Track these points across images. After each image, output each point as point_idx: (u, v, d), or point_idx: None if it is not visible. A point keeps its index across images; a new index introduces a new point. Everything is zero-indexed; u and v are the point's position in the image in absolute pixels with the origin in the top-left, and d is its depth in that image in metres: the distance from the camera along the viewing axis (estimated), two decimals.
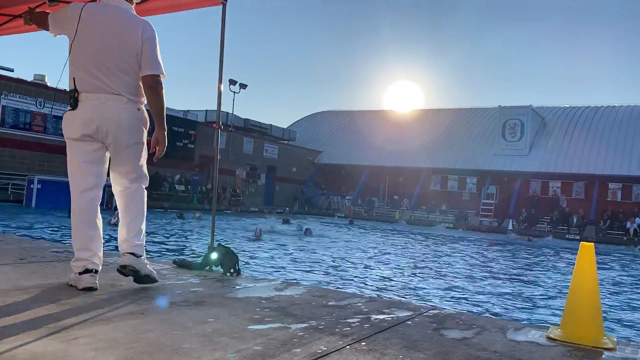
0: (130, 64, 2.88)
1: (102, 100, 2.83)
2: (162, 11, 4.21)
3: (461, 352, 2.13)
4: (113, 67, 2.84)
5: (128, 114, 2.90)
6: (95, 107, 2.82)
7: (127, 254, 2.92)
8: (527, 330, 2.60)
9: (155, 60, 2.93)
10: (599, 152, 29.42)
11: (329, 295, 3.23)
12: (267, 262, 9.24)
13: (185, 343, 1.97)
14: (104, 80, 2.82)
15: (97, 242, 2.91)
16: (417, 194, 32.81)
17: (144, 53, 2.89)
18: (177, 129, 26.41)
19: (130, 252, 2.92)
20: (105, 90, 2.82)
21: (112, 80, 2.83)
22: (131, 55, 2.88)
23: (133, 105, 2.92)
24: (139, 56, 2.89)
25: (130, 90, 2.89)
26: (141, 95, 2.97)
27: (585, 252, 2.49)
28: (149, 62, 2.91)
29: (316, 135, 40.39)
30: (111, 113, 2.84)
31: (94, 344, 1.88)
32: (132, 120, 2.92)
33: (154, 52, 2.93)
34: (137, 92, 2.94)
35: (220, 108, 3.87)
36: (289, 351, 1.96)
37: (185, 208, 23.66)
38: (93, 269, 2.82)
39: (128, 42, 2.87)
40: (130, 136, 2.92)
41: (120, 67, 2.86)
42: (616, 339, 2.48)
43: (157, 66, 2.94)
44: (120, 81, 2.85)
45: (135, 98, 2.93)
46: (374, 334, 2.31)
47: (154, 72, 2.92)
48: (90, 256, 2.83)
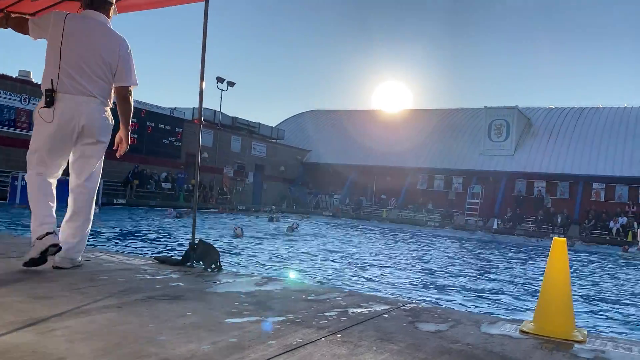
0: (105, 72, 3.24)
1: (78, 100, 3.14)
2: (147, 7, 4.21)
3: (434, 344, 2.17)
4: (90, 73, 3.18)
5: (100, 114, 3.24)
6: (70, 105, 3.12)
7: (66, 259, 3.19)
8: (501, 324, 2.65)
9: (129, 74, 3.33)
10: (583, 153, 29.79)
11: (309, 290, 3.26)
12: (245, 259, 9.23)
13: (161, 335, 1.99)
14: (82, 82, 3.15)
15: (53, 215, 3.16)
16: (404, 193, 32.98)
17: (119, 67, 3.28)
18: (164, 127, 26.31)
19: (70, 258, 3.21)
20: (81, 92, 3.15)
21: (88, 84, 3.16)
22: (107, 65, 3.24)
23: (103, 107, 3.27)
24: (114, 68, 3.27)
25: (102, 93, 3.24)
26: (110, 100, 3.35)
27: (557, 247, 2.54)
28: (124, 75, 3.31)
29: (304, 134, 40.40)
30: (85, 112, 3.16)
31: (69, 336, 1.89)
32: (102, 120, 3.26)
33: (128, 66, 3.33)
34: (108, 96, 3.30)
35: (202, 104, 3.89)
36: (264, 343, 1.99)
37: (172, 206, 23.56)
38: (54, 231, 3.10)
39: (106, 53, 3.23)
40: (99, 134, 3.26)
41: (96, 74, 3.20)
42: (587, 332, 2.54)
43: (130, 78, 3.35)
44: (95, 85, 3.19)
45: (105, 101, 3.29)
46: (350, 327, 2.34)
47: (127, 84, 3.34)
48: (51, 220, 3.11)
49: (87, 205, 3.29)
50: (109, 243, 9.78)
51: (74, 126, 3.13)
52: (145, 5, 4.11)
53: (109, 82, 3.26)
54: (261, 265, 8.53)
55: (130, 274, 3.25)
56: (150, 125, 25.45)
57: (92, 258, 3.79)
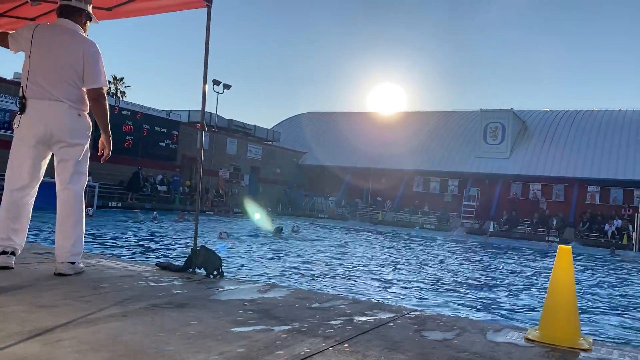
0: (72, 76, 3.29)
1: (46, 105, 3.23)
2: (146, 12, 4.19)
3: (442, 353, 2.17)
4: (56, 79, 3.26)
5: (69, 117, 3.28)
6: (40, 111, 3.23)
7: (66, 263, 3.23)
8: (506, 332, 2.65)
9: (98, 76, 3.36)
10: (578, 156, 29.92)
11: (312, 297, 3.25)
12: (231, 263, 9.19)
13: (169, 345, 1.98)
14: (47, 89, 3.24)
15: (20, 235, 3.32)
16: (399, 195, 33.03)
17: (85, 70, 3.32)
18: (160, 130, 26.24)
19: (70, 262, 3.25)
20: (48, 97, 3.24)
21: (55, 89, 3.24)
22: (73, 70, 3.29)
23: (74, 110, 3.31)
24: (81, 72, 3.31)
25: (71, 97, 3.29)
26: (83, 103, 3.38)
27: (563, 255, 2.54)
28: (90, 77, 3.34)
29: (300, 136, 40.40)
30: (54, 116, 3.24)
31: (77, 347, 1.87)
32: (73, 124, 3.31)
33: (95, 68, 3.35)
34: (78, 100, 3.33)
35: (204, 109, 3.87)
36: (272, 353, 1.98)
37: (167, 209, 23.50)
38: (10, 251, 3.23)
39: (71, 58, 3.29)
40: (71, 137, 3.30)
41: (63, 79, 3.27)
42: (592, 340, 2.54)
43: (98, 80, 3.36)
44: (62, 90, 3.26)
45: (76, 105, 3.32)
46: (356, 336, 2.33)
47: (95, 85, 3.36)
48: (8, 242, 3.23)
49: (75, 207, 3.33)
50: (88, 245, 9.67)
51: (44, 131, 3.23)
52: (147, 11, 4.10)
53: (78, 86, 3.32)
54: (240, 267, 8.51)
55: (133, 281, 3.23)
56: (145, 128, 25.39)
57: (92, 265, 3.77)
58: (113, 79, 48.34)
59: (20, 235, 3.32)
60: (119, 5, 3.98)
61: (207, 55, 3.72)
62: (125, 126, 24.48)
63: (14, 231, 3.26)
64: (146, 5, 4.02)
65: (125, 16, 4.21)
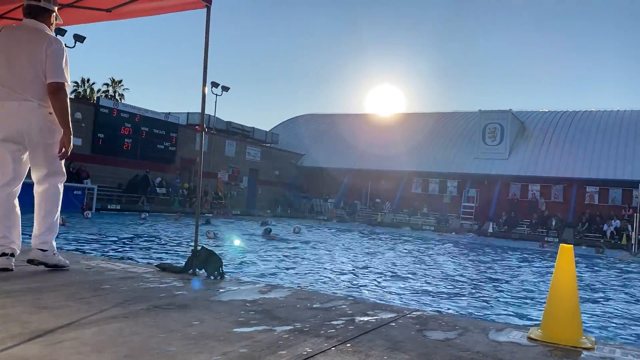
0: (39, 75, 3.32)
1: (15, 106, 3.29)
2: (145, 13, 4.20)
3: (444, 353, 2.16)
4: (23, 79, 3.30)
5: (39, 117, 3.33)
6: (10, 112, 3.29)
7: (35, 250, 3.40)
8: (508, 331, 2.64)
9: (56, 70, 3.34)
10: (577, 156, 29.95)
11: (314, 297, 3.24)
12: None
13: (171, 346, 1.97)
14: (16, 89, 3.28)
15: (14, 232, 3.38)
16: (398, 197, 33.03)
17: (47, 64, 3.32)
18: (159, 132, 26.22)
19: (38, 248, 3.39)
20: (17, 98, 3.28)
21: (23, 89, 3.29)
22: (38, 68, 3.32)
23: (44, 109, 3.35)
24: (44, 68, 3.32)
25: (39, 96, 3.32)
26: None
27: (564, 254, 2.54)
28: (51, 71, 3.33)
29: (299, 138, 40.39)
30: (24, 116, 3.30)
31: (78, 348, 1.86)
32: (44, 122, 3.34)
33: (56, 63, 3.34)
34: (47, 98, 3.35)
35: (204, 111, 3.87)
36: (274, 353, 1.97)
37: (166, 211, 23.48)
38: (9, 252, 3.30)
39: (35, 56, 3.32)
40: (42, 136, 3.34)
41: (30, 78, 3.31)
42: (594, 339, 2.54)
43: (57, 75, 3.34)
44: (30, 90, 3.30)
45: (45, 104, 3.35)
46: (358, 336, 2.33)
47: (54, 80, 3.33)
48: (6, 242, 3.30)
49: (47, 202, 3.43)
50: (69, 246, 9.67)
51: (17, 131, 3.29)
52: (146, 12, 4.10)
53: (44, 83, 3.33)
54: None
55: (133, 283, 3.23)
56: (144, 130, 25.37)
57: (93, 267, 3.76)
58: (111, 81, 48.42)
59: (15, 232, 3.38)
60: (118, 6, 3.98)
61: (206, 55, 3.72)
62: (124, 128, 24.46)
63: (7, 228, 3.34)
64: (145, 6, 4.02)
65: (124, 17, 4.21)
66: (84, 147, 22.63)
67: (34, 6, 3.43)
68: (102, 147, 23.32)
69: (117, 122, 24.13)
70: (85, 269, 3.64)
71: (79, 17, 4.34)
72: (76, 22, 4.46)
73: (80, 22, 4.48)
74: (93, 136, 23.04)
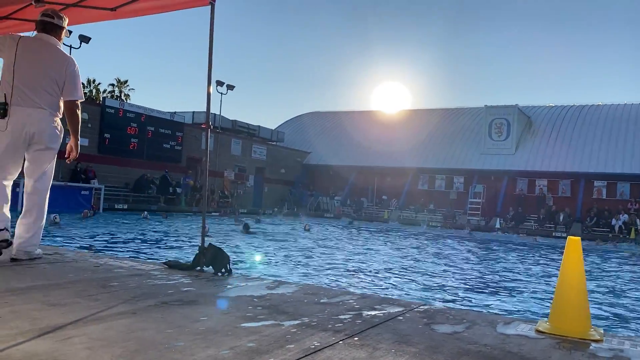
0: (53, 87, 3.66)
1: (29, 112, 3.57)
2: (150, 12, 4.21)
3: (452, 346, 2.16)
4: (39, 88, 3.61)
5: (48, 123, 3.65)
6: (22, 116, 3.55)
7: (22, 252, 3.63)
8: (516, 324, 2.64)
9: (75, 90, 3.74)
10: (584, 151, 29.77)
11: (321, 292, 3.25)
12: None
13: (179, 341, 1.98)
14: (31, 96, 3.57)
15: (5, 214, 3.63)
16: (405, 193, 32.96)
17: (66, 83, 3.69)
18: (164, 131, 26.27)
19: (25, 251, 3.64)
20: (31, 104, 3.57)
21: (37, 97, 3.59)
22: (54, 82, 3.66)
23: (53, 117, 3.68)
24: (61, 84, 3.68)
25: (51, 105, 3.66)
26: (59, 111, 3.74)
27: (572, 246, 2.53)
28: (70, 91, 3.72)
29: (304, 136, 40.37)
30: (35, 121, 3.58)
31: (88, 343, 1.88)
32: (51, 129, 3.67)
33: (74, 83, 3.74)
34: (56, 107, 3.71)
35: (209, 108, 3.87)
36: (282, 347, 1.98)
37: (174, 210, 23.56)
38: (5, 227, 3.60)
39: (54, 71, 3.65)
40: (48, 141, 3.66)
41: (45, 88, 3.62)
42: (603, 331, 2.53)
43: (76, 94, 3.76)
44: (44, 98, 3.61)
45: (54, 112, 3.69)
46: (366, 330, 2.33)
47: (74, 98, 3.75)
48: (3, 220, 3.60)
49: (38, 204, 3.68)
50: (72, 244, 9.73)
51: (25, 134, 3.56)
52: (151, 10, 4.11)
53: (57, 96, 3.69)
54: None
55: (141, 280, 3.24)
56: (150, 130, 25.43)
57: (101, 264, 3.78)
58: (117, 81, 48.54)
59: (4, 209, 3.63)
60: (123, 5, 3.99)
61: (211, 53, 3.73)
62: (130, 128, 24.53)
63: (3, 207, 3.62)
64: (149, 4, 4.03)
65: (129, 16, 4.22)
66: (91, 148, 22.72)
67: (48, 23, 3.73)
68: (108, 147, 23.41)
69: (123, 122, 24.21)
70: (94, 266, 3.66)
71: (84, 16, 4.36)
72: (81, 21, 4.48)
73: (85, 21, 4.50)
74: (99, 136, 23.12)
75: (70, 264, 3.69)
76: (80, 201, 19.29)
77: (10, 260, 3.56)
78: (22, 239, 3.64)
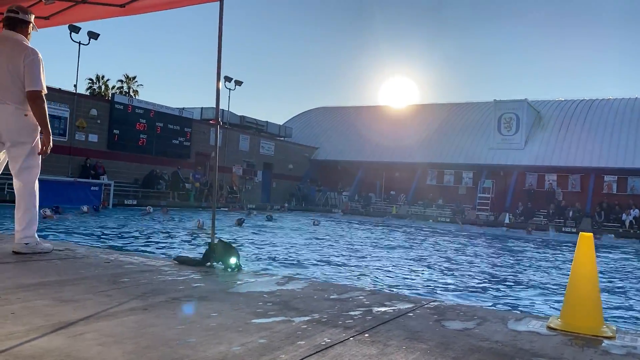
0: (15, 81, 3.65)
1: None
2: (159, 8, 4.21)
3: (463, 342, 2.15)
4: (1, 84, 3.63)
5: (15, 118, 3.65)
6: None
7: (19, 244, 3.74)
8: (527, 321, 2.63)
9: (33, 80, 3.66)
10: (594, 145, 29.53)
11: (330, 288, 3.25)
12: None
13: (190, 337, 1.99)
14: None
15: None
16: (413, 189, 32.88)
17: (25, 74, 3.66)
18: (173, 127, 26.36)
19: (22, 244, 3.73)
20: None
21: (2, 94, 3.61)
22: (16, 75, 3.65)
23: (20, 112, 3.67)
24: (22, 76, 3.65)
25: (17, 100, 3.65)
26: (28, 104, 3.70)
27: (584, 242, 2.51)
28: (29, 81, 3.66)
29: (312, 131, 40.36)
30: (2, 118, 3.61)
31: (100, 339, 1.89)
32: (19, 123, 3.67)
33: (33, 73, 3.67)
34: (23, 101, 3.68)
35: (219, 104, 3.87)
36: (293, 343, 1.98)
37: (183, 206, 23.65)
38: None
39: (13, 65, 3.65)
40: (18, 136, 3.67)
41: (7, 84, 3.63)
42: (615, 328, 2.51)
43: (35, 84, 3.67)
44: (7, 93, 3.63)
45: (21, 106, 3.68)
46: (376, 326, 2.33)
47: (32, 88, 3.67)
48: None
49: (25, 198, 3.75)
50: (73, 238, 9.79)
51: None
52: (160, 6, 4.10)
53: (21, 89, 3.66)
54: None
55: (152, 276, 3.26)
56: (159, 126, 25.53)
57: (112, 260, 3.80)
58: (125, 78, 48.69)
59: None
60: (132, 1, 4.00)
61: (220, 48, 3.72)
62: (139, 124, 24.64)
63: None
64: (158, 0, 4.03)
65: (137, 12, 4.23)
66: (100, 144, 22.87)
67: (13, 18, 3.77)
68: (117, 143, 23.54)
69: (132, 118, 24.32)
70: (104, 262, 3.68)
71: (93, 13, 4.37)
72: (90, 18, 4.50)
73: (94, 18, 4.51)
74: (109, 132, 23.26)
75: (81, 260, 3.72)
76: (90, 197, 19.40)
77: (12, 253, 3.70)
78: (17, 233, 3.76)
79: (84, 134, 22.28)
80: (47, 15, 4.48)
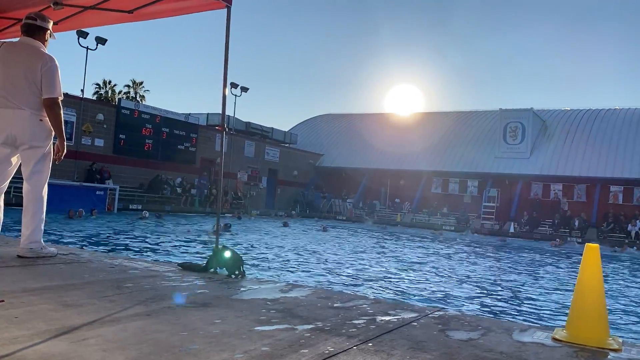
0: (32, 87, 3.70)
1: (10, 113, 3.65)
2: (166, 14, 4.23)
3: (467, 353, 2.14)
4: (18, 89, 3.68)
5: (30, 123, 3.69)
6: (4, 118, 3.64)
7: (24, 249, 3.76)
8: (532, 332, 2.61)
9: (51, 86, 3.72)
10: (600, 155, 29.39)
11: (334, 296, 3.24)
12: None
13: (193, 344, 1.98)
14: (10, 99, 3.65)
15: None
16: (418, 197, 32.81)
17: (42, 81, 3.71)
18: (179, 132, 26.43)
19: (27, 248, 3.75)
20: (11, 106, 3.65)
21: (17, 99, 3.66)
22: (32, 81, 3.69)
23: (35, 117, 3.72)
24: (38, 83, 3.70)
25: (32, 105, 3.70)
26: (44, 110, 3.74)
27: (590, 254, 2.50)
28: (46, 88, 3.71)
29: (317, 138, 40.39)
30: (16, 122, 3.66)
31: (103, 345, 1.89)
32: (34, 128, 3.71)
33: (50, 80, 3.73)
34: (39, 107, 3.73)
35: (225, 111, 3.89)
36: (296, 352, 1.97)
37: (187, 211, 23.68)
38: None
39: (31, 71, 3.69)
40: (32, 140, 3.71)
41: (23, 90, 3.68)
42: (622, 340, 2.48)
43: (52, 91, 3.73)
44: (23, 99, 3.67)
45: (37, 112, 3.72)
46: (380, 335, 2.32)
47: (49, 95, 3.72)
48: None
49: (32, 202, 3.78)
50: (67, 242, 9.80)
51: (7, 135, 3.65)
52: (168, 13, 4.13)
53: (37, 95, 3.71)
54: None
55: (156, 281, 3.25)
56: (165, 131, 25.61)
57: (116, 265, 3.81)
58: (132, 83, 48.97)
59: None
60: (140, 7, 4.03)
61: (226, 55, 3.74)
62: (145, 129, 24.74)
63: None
64: (166, 7, 4.06)
65: (145, 18, 4.25)
66: (106, 148, 22.95)
67: (31, 25, 3.81)
68: (123, 147, 23.62)
69: (138, 123, 24.42)
70: (109, 267, 3.69)
71: (101, 19, 4.40)
72: (99, 24, 4.53)
73: (102, 23, 4.55)
74: (115, 137, 23.35)
75: (85, 265, 3.72)
76: (95, 201, 19.46)
77: (17, 257, 3.71)
78: (24, 237, 3.78)
79: (90, 139, 22.38)
80: (56, 21, 4.51)
